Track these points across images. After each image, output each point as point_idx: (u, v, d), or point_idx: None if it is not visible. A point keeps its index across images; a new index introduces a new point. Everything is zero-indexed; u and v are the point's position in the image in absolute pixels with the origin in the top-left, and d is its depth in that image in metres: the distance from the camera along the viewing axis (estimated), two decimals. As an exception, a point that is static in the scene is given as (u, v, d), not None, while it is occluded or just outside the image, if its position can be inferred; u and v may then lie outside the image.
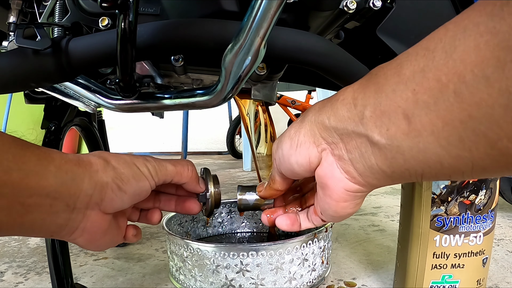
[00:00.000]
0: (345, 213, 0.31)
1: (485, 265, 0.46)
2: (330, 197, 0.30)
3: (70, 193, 0.28)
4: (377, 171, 0.25)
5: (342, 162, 0.27)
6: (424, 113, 0.21)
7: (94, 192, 0.30)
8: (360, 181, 0.27)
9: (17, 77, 0.35)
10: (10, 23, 0.41)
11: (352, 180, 0.28)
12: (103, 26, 0.38)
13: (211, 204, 0.40)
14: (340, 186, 0.28)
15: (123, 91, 0.37)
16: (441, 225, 0.44)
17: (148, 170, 0.34)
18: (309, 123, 0.29)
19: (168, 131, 3.51)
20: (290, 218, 0.38)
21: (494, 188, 0.44)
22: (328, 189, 0.29)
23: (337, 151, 0.27)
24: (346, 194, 0.29)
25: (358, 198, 0.30)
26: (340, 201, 0.29)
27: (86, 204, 0.30)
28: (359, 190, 0.28)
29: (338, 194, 0.29)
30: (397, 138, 0.23)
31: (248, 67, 0.31)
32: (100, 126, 0.75)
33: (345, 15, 0.39)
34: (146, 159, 0.35)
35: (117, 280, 0.64)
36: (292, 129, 0.31)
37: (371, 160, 0.25)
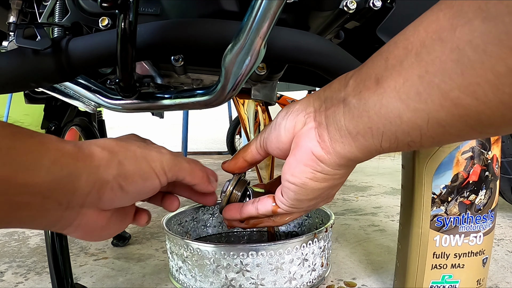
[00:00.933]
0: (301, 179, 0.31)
1: (485, 265, 0.46)
2: (294, 156, 0.31)
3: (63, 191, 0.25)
4: (344, 133, 0.27)
5: (319, 127, 0.29)
6: (389, 73, 0.24)
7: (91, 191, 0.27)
8: (328, 147, 0.29)
9: (17, 77, 0.35)
10: (10, 23, 0.41)
11: (321, 144, 0.29)
12: (103, 26, 0.38)
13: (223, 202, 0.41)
14: (308, 147, 0.30)
15: (123, 91, 0.37)
16: (441, 225, 0.44)
17: (161, 165, 0.32)
18: (307, 96, 0.32)
19: (168, 131, 3.51)
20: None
21: (494, 188, 0.44)
22: (297, 147, 0.31)
23: (319, 117, 0.30)
24: (310, 157, 0.30)
25: (319, 170, 0.30)
26: (301, 162, 0.30)
27: (81, 203, 0.27)
28: (322, 157, 0.29)
29: (303, 154, 0.30)
30: (365, 97, 0.25)
31: (248, 67, 0.31)
32: (100, 126, 0.75)
33: (345, 15, 0.39)
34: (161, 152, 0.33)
35: (117, 280, 0.64)
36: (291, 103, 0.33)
37: (341, 121, 0.27)
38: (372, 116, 0.25)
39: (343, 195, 1.28)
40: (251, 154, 0.38)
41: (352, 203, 1.16)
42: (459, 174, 0.43)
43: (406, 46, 0.23)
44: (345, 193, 1.31)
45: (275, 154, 0.35)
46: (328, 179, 0.31)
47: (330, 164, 0.30)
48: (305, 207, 0.35)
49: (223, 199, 0.42)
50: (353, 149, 0.28)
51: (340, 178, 0.32)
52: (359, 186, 1.44)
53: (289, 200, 0.34)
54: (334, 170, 0.30)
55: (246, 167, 0.40)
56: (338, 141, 0.28)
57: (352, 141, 0.27)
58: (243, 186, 0.42)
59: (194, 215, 0.62)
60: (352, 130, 0.27)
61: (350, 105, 0.27)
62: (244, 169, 0.40)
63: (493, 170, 0.43)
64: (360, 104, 0.26)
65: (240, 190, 0.42)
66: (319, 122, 0.30)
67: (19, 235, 0.94)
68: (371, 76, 0.25)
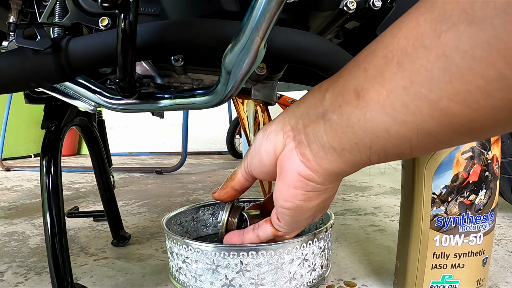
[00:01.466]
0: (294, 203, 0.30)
1: (485, 265, 0.46)
2: (283, 181, 0.30)
3: None
4: (328, 150, 0.26)
5: (300, 145, 0.28)
6: (371, 85, 0.23)
7: None
8: (314, 165, 0.28)
9: (17, 77, 0.35)
10: (10, 23, 0.41)
11: (306, 164, 0.28)
12: (103, 26, 0.38)
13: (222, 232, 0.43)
14: (294, 168, 0.29)
15: (123, 91, 0.37)
16: (441, 225, 0.44)
17: None
18: (282, 114, 0.31)
19: (168, 131, 3.51)
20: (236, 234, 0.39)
21: (494, 188, 0.44)
22: (283, 172, 0.30)
23: (298, 136, 0.29)
24: (298, 179, 0.29)
25: (309, 189, 0.29)
26: (291, 186, 0.30)
27: None
28: (310, 177, 0.29)
29: (291, 177, 0.29)
30: (347, 112, 0.24)
31: (248, 67, 0.31)
32: (100, 126, 0.75)
33: (345, 15, 0.39)
34: None
35: (117, 280, 0.64)
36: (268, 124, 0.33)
37: (323, 138, 0.26)
38: (357, 132, 0.24)
39: (343, 195, 1.28)
40: (238, 181, 0.37)
41: (352, 203, 1.16)
42: (459, 174, 0.43)
43: (386, 55, 0.22)
44: (345, 193, 1.31)
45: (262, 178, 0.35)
46: (320, 195, 0.31)
47: (319, 181, 0.29)
48: (304, 224, 0.35)
49: (221, 229, 0.42)
50: (341, 165, 0.27)
51: (331, 190, 0.31)
52: (359, 186, 1.44)
53: (286, 222, 0.34)
54: (323, 186, 0.30)
55: (236, 195, 0.39)
56: (323, 158, 0.27)
57: (338, 157, 0.26)
58: (237, 212, 0.42)
59: (194, 215, 0.62)
60: (337, 147, 0.26)
61: (332, 121, 0.26)
62: (234, 197, 0.40)
63: (493, 170, 0.44)
64: (343, 120, 0.25)
65: (236, 216, 0.42)
66: (298, 141, 0.29)
67: (19, 235, 0.94)
68: (349, 89, 0.24)
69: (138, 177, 1.95)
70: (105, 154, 0.75)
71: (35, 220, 1.08)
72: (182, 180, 1.79)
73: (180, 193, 1.44)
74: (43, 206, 0.51)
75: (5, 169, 2.47)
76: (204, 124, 3.52)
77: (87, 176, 2.03)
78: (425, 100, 0.20)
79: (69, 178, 1.93)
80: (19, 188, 1.71)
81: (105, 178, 0.75)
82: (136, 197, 1.38)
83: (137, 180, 1.84)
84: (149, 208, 1.19)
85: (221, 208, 0.42)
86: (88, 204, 1.30)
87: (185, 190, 1.50)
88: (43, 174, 0.52)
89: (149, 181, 1.80)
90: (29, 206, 1.29)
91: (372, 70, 0.23)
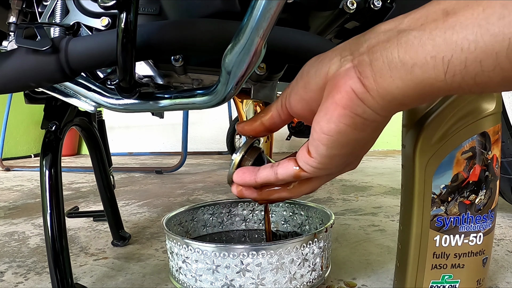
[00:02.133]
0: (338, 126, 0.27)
1: (485, 265, 0.46)
2: (333, 98, 0.27)
3: None
4: (395, 65, 0.24)
5: (360, 64, 0.26)
6: (464, 5, 0.22)
7: None
8: (371, 83, 0.25)
9: (17, 77, 0.35)
10: (10, 23, 0.41)
11: (363, 81, 0.25)
12: (103, 26, 0.38)
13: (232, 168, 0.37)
14: (347, 84, 0.26)
15: (123, 91, 0.37)
16: (441, 225, 0.44)
17: None
18: (342, 44, 0.28)
19: (168, 131, 3.51)
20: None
21: (494, 188, 0.44)
22: (334, 89, 0.27)
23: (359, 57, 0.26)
24: (350, 96, 0.26)
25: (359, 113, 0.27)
26: (340, 104, 0.26)
27: None
28: (364, 95, 0.26)
29: (342, 94, 0.26)
30: (431, 27, 0.23)
31: (248, 67, 0.31)
32: (100, 126, 0.75)
33: (345, 15, 0.39)
34: None
35: (117, 280, 0.64)
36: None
37: (393, 53, 0.24)
38: (439, 43, 0.22)
39: (343, 195, 1.28)
40: (271, 116, 0.34)
41: (352, 203, 1.16)
42: (459, 174, 0.43)
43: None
44: (345, 193, 1.31)
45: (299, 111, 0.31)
46: (365, 128, 0.27)
47: (372, 105, 0.26)
48: (333, 167, 0.31)
49: (232, 165, 0.37)
50: (404, 84, 0.24)
51: (376, 128, 0.28)
52: (359, 186, 1.44)
53: (319, 156, 0.30)
54: (374, 114, 0.27)
55: (262, 131, 0.35)
56: (385, 76, 0.24)
57: (405, 73, 0.24)
58: (256, 153, 0.38)
59: (194, 215, 0.62)
60: (408, 61, 0.23)
61: (410, 36, 0.23)
62: (260, 133, 0.36)
63: (493, 170, 0.44)
64: (424, 34, 0.23)
65: (253, 156, 0.37)
66: (359, 61, 0.26)
67: (19, 235, 0.94)
68: (436, 11, 0.23)
69: (138, 177, 1.95)
70: (105, 154, 0.75)
71: (35, 220, 1.08)
72: (182, 180, 1.79)
73: (180, 193, 1.44)
74: (43, 206, 0.51)
75: (5, 169, 2.47)
76: (204, 124, 3.52)
77: (87, 176, 2.03)
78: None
79: (69, 178, 1.93)
80: (19, 188, 1.71)
81: (105, 178, 0.75)
82: (136, 197, 1.38)
83: (137, 180, 1.84)
84: (149, 208, 1.19)
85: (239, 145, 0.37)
86: (88, 204, 1.30)
87: (185, 190, 1.50)
88: (43, 174, 0.52)
89: (149, 181, 1.81)
90: (29, 206, 1.29)
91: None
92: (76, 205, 0.93)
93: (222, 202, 0.64)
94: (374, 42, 0.25)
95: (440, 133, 0.42)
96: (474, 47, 0.21)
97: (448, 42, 0.22)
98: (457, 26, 0.22)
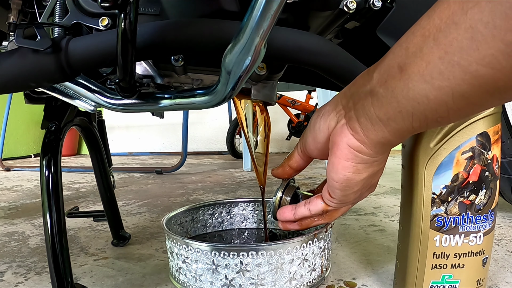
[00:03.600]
0: (344, 175, 0.34)
1: (485, 265, 0.46)
2: (335, 154, 0.34)
3: None
4: (375, 121, 0.30)
5: (350, 121, 0.32)
6: (412, 60, 0.26)
7: None
8: (362, 137, 0.31)
9: (17, 77, 0.35)
10: (10, 23, 0.41)
11: (355, 136, 0.32)
12: (103, 26, 0.38)
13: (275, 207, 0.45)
14: (344, 141, 0.33)
15: (123, 91, 0.37)
16: (441, 225, 0.44)
17: None
18: (335, 96, 0.35)
19: (168, 131, 3.51)
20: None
21: (494, 188, 0.44)
22: (335, 146, 0.34)
23: (349, 113, 0.32)
24: (348, 151, 0.33)
25: (358, 161, 0.33)
26: (342, 158, 0.33)
27: None
28: (359, 148, 0.32)
29: (342, 150, 0.33)
30: (392, 85, 0.28)
31: (248, 67, 0.31)
32: (100, 126, 0.75)
33: (345, 15, 0.39)
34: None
35: (117, 280, 0.64)
36: (322, 106, 0.37)
37: (370, 111, 0.30)
38: (401, 101, 0.27)
39: (343, 195, 1.28)
40: (295, 160, 0.42)
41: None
42: (459, 174, 0.43)
43: (423, 33, 0.26)
44: (345, 193, 1.30)
45: (315, 155, 0.39)
46: (367, 168, 0.34)
47: (367, 152, 0.32)
48: (352, 200, 0.38)
49: (274, 204, 0.45)
50: (386, 134, 0.30)
51: (378, 164, 0.35)
52: (359, 186, 1.44)
53: (337, 196, 0.37)
54: (372, 158, 0.33)
55: (292, 173, 0.44)
56: (370, 129, 0.31)
57: (383, 127, 0.30)
58: (292, 191, 0.45)
59: (194, 215, 0.62)
60: (382, 117, 0.29)
61: (378, 95, 0.29)
62: (291, 175, 0.44)
63: (493, 170, 0.44)
64: (388, 92, 0.28)
65: (289, 194, 0.45)
66: (349, 117, 0.32)
67: (19, 235, 0.94)
68: (393, 66, 0.28)
69: (138, 177, 1.95)
70: (105, 154, 0.75)
71: (35, 220, 1.08)
72: (182, 180, 1.79)
73: (180, 193, 1.44)
74: (43, 206, 0.51)
75: (5, 169, 2.47)
76: (204, 124, 3.52)
77: (87, 176, 2.03)
78: (457, 66, 0.24)
79: (69, 178, 1.93)
80: (19, 188, 1.71)
81: (105, 178, 0.75)
82: (136, 197, 1.38)
83: (137, 180, 1.84)
84: (149, 208, 1.19)
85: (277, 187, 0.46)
86: (88, 204, 1.30)
87: (185, 190, 1.50)
88: (43, 174, 0.52)
89: (149, 181, 1.81)
90: (29, 206, 1.29)
91: (412, 48, 0.27)
92: (76, 205, 0.93)
93: (222, 202, 0.64)
94: (356, 99, 0.32)
95: (440, 133, 0.42)
96: (427, 101, 0.26)
97: (407, 98, 0.27)
98: (410, 83, 0.27)
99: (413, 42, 0.27)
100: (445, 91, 0.25)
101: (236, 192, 1.43)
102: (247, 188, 1.50)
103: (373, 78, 0.30)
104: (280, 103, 2.66)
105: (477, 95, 0.25)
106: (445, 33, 0.24)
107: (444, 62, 0.24)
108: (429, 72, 0.25)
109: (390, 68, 0.28)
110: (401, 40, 0.28)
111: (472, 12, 0.23)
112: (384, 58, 0.30)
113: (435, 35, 0.25)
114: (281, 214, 0.44)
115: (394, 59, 0.28)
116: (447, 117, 0.27)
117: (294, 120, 2.68)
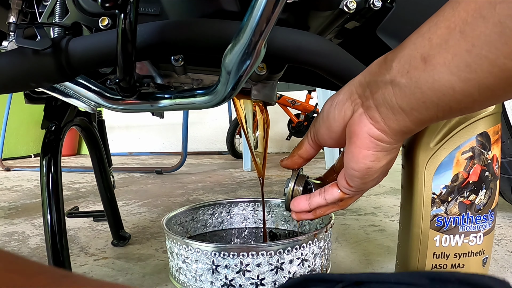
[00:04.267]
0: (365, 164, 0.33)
1: (485, 265, 0.46)
2: (354, 144, 0.33)
3: None
4: (397, 111, 0.30)
5: (369, 110, 0.32)
6: (437, 51, 0.26)
7: None
8: (383, 126, 0.31)
9: (17, 77, 0.35)
10: (10, 23, 0.41)
11: (376, 126, 0.32)
12: (103, 26, 0.38)
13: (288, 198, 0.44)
14: (364, 131, 0.32)
15: (123, 91, 0.37)
16: (441, 225, 0.44)
17: None
18: (348, 84, 0.34)
19: (168, 131, 3.51)
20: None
21: (494, 188, 0.44)
22: (354, 135, 0.33)
23: (366, 102, 0.32)
24: (369, 140, 0.32)
25: (379, 149, 0.33)
26: (363, 148, 0.33)
27: None
28: (380, 137, 0.32)
29: (362, 139, 0.32)
30: (415, 75, 0.28)
31: (248, 67, 0.31)
32: (100, 126, 0.75)
33: (345, 15, 0.39)
34: None
35: (117, 280, 0.64)
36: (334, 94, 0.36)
37: (392, 101, 0.30)
38: (426, 92, 0.27)
39: (343, 195, 1.28)
40: (305, 150, 0.41)
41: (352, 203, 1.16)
42: (459, 174, 0.43)
43: (448, 25, 0.26)
44: (345, 193, 1.30)
45: (329, 144, 0.38)
46: (387, 156, 0.34)
47: (388, 141, 0.32)
48: (370, 187, 0.38)
49: (287, 195, 0.44)
50: (408, 123, 0.30)
51: (396, 151, 0.35)
52: (359, 186, 1.44)
53: (356, 184, 0.37)
54: (391, 145, 0.33)
55: (302, 163, 0.43)
56: (391, 119, 0.30)
57: (406, 116, 0.30)
58: (303, 180, 0.45)
59: (194, 215, 0.62)
60: (405, 107, 0.29)
61: (400, 85, 0.29)
62: (301, 165, 0.43)
63: (493, 170, 0.43)
64: (412, 82, 0.28)
65: (301, 184, 0.44)
66: (367, 106, 0.32)
67: (19, 235, 0.94)
68: (416, 57, 0.28)
69: (138, 177, 1.95)
70: (105, 154, 0.75)
71: (35, 220, 1.08)
72: (182, 180, 1.79)
73: (180, 193, 1.44)
74: (43, 206, 0.51)
75: (5, 169, 2.47)
76: (204, 124, 3.51)
77: (87, 176, 2.03)
78: (485, 59, 0.24)
79: (69, 178, 1.93)
80: (19, 188, 1.71)
81: (105, 178, 0.75)
82: (136, 197, 1.38)
83: (137, 180, 1.84)
84: (149, 208, 1.19)
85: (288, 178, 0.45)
86: (88, 204, 1.30)
87: (185, 190, 1.50)
88: (43, 174, 0.52)
89: (149, 181, 1.81)
90: (29, 206, 1.29)
91: (436, 39, 0.26)
92: (76, 205, 0.93)
93: (222, 202, 0.64)
94: (375, 89, 0.31)
95: (440, 133, 0.42)
96: (452, 92, 0.26)
97: (432, 89, 0.27)
98: (435, 74, 0.27)
99: (437, 34, 0.27)
100: (472, 83, 0.25)
101: (236, 192, 1.43)
102: (247, 188, 1.50)
103: (392, 67, 0.29)
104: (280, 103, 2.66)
105: (503, 88, 0.25)
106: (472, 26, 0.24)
107: (472, 55, 0.25)
108: (455, 64, 0.25)
109: (412, 59, 0.28)
110: (422, 30, 0.28)
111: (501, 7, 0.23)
112: (403, 47, 0.29)
113: (462, 28, 0.25)
114: (295, 205, 0.43)
115: (416, 50, 0.28)
116: (472, 107, 0.27)
117: (294, 120, 2.68)
